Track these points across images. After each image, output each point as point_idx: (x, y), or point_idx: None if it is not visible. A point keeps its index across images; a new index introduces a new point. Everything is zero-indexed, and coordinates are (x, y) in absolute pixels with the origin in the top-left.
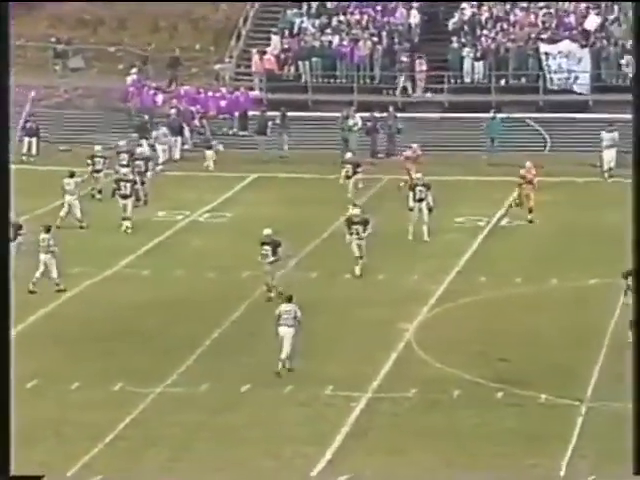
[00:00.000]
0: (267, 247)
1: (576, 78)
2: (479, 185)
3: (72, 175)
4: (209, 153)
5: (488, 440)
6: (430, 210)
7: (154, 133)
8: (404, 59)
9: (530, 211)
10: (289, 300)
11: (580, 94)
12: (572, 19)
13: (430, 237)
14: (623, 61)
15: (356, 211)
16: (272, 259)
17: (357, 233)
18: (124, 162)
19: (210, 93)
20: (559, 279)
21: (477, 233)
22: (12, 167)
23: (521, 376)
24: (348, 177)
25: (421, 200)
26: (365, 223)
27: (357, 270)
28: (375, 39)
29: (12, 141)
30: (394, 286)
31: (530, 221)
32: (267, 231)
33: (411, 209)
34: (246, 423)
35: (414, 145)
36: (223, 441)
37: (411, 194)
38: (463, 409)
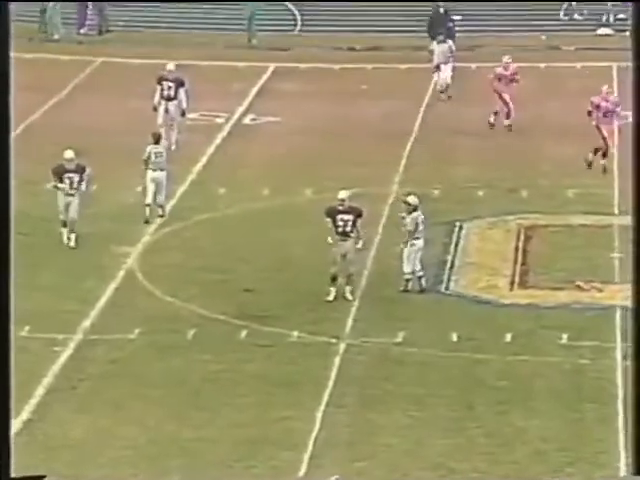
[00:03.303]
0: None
1: None
2: (215, 72)
3: None
4: None
5: (229, 389)
6: (183, 114)
7: None
8: None
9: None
10: (157, 141)
11: None
12: None
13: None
14: None
15: (69, 154)
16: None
17: (71, 185)
18: None
19: None
20: (314, 189)
21: (215, 133)
22: None
23: (269, 310)
24: None
25: (170, 99)
26: (82, 171)
27: (65, 238)
28: None
29: None
30: (110, 200)
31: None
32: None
33: (155, 109)
34: None
35: (505, 57)
36: None
37: (159, 88)
38: (199, 352)
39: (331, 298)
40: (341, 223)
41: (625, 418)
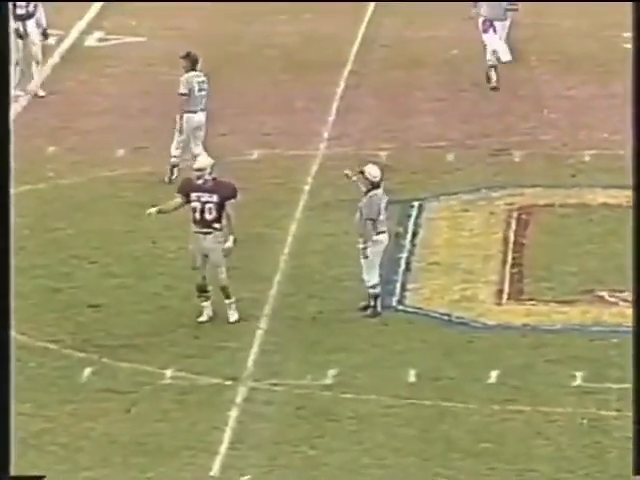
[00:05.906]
0: None
1: None
2: None
3: None
4: None
5: (64, 459)
6: (45, 36)
7: None
8: None
9: None
10: (194, 65)
11: None
12: None
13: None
14: None
15: None
16: None
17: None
18: None
19: None
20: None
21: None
22: None
23: (127, 335)
24: None
25: (29, 16)
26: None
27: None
28: None
29: None
30: None
31: None
32: None
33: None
34: None
35: None
36: None
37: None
38: (15, 401)
39: (204, 318)
40: (197, 205)
41: None
